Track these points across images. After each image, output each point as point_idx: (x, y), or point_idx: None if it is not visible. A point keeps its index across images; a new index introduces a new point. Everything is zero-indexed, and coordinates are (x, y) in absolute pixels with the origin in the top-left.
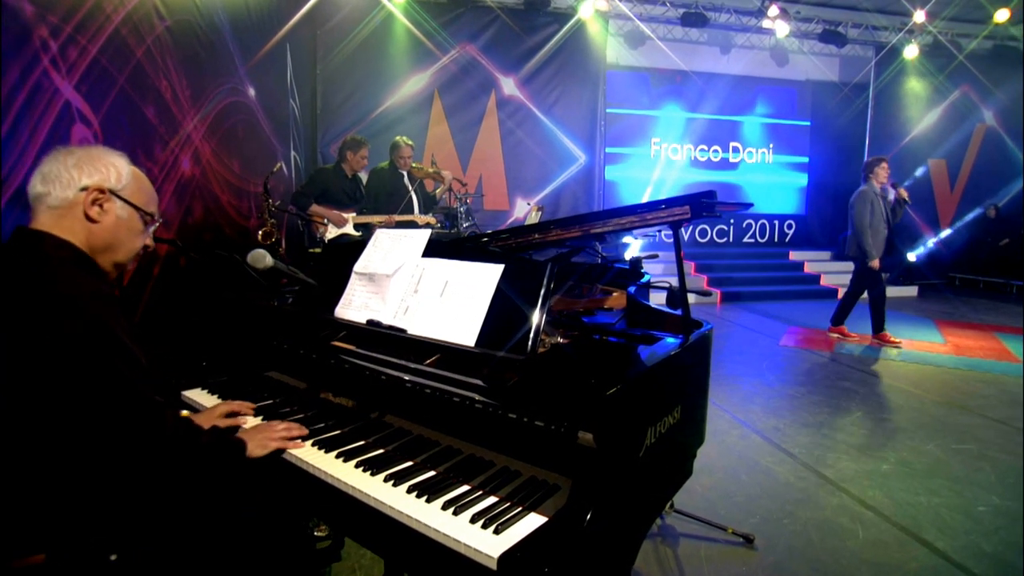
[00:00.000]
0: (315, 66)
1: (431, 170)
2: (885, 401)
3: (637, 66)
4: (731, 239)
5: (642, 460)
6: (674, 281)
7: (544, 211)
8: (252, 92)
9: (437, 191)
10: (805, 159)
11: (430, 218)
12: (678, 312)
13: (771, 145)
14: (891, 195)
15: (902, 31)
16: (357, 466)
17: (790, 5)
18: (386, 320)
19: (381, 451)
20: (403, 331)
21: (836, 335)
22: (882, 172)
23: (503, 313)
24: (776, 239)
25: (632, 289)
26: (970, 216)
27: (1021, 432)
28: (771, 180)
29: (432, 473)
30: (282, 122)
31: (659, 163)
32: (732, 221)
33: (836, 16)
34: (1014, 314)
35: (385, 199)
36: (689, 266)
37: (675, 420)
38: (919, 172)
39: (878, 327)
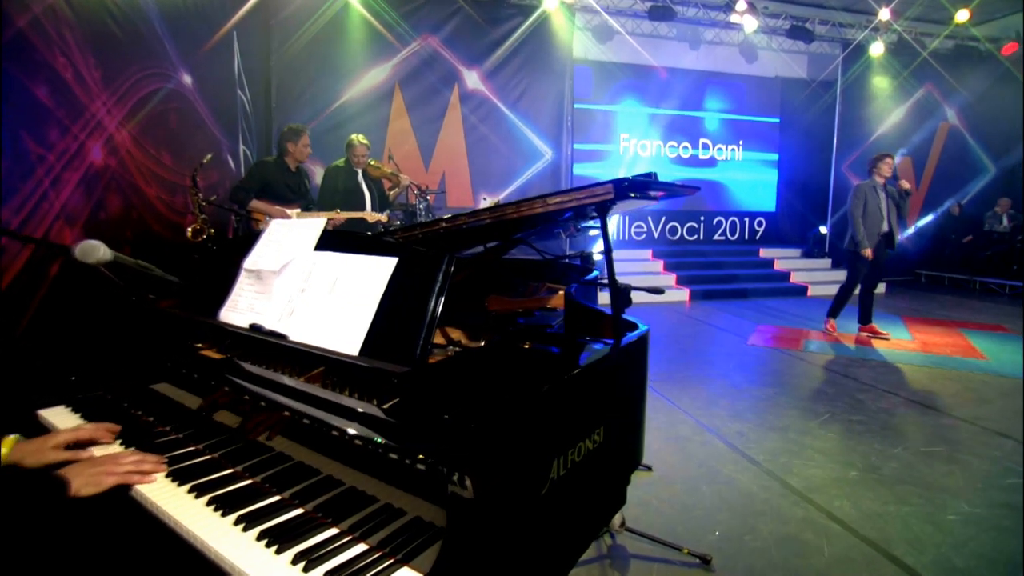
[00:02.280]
0: (269, 57)
1: (388, 171)
2: (853, 401)
3: (606, 60)
4: (701, 236)
5: (547, 497)
6: (623, 278)
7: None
8: (188, 80)
9: (391, 193)
10: (775, 156)
11: (382, 216)
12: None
13: (741, 142)
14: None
15: (868, 28)
16: (210, 503)
17: (758, 0)
18: (269, 324)
19: (248, 482)
20: (284, 337)
21: (867, 334)
22: (885, 167)
23: (393, 315)
24: (747, 236)
25: (573, 287)
26: (935, 213)
27: (1011, 438)
28: (742, 177)
29: (299, 512)
30: (228, 114)
31: (628, 159)
32: (702, 219)
33: (803, 13)
34: (978, 310)
35: (341, 198)
36: (658, 264)
37: (596, 443)
38: None
39: (833, 312)
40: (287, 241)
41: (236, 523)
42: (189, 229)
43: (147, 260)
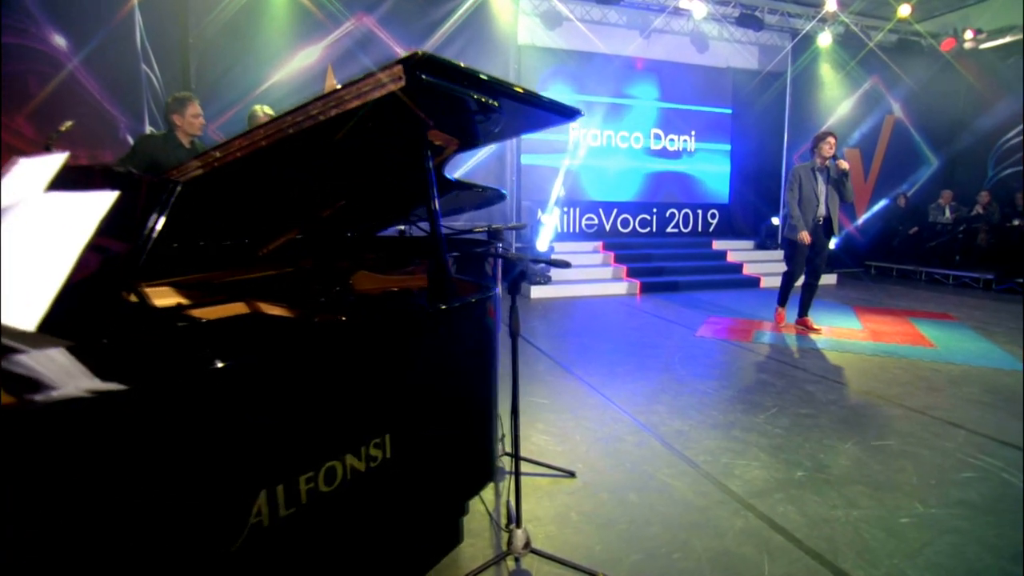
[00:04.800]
0: (186, 34)
1: None
2: (802, 393)
3: (555, 47)
4: (654, 229)
5: (247, 554)
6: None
7: None
8: (62, 42)
9: None
10: (728, 146)
11: None
12: (483, 281)
13: (693, 132)
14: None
15: (815, 19)
16: None
17: None
18: None
19: None
20: None
21: (800, 327)
22: (826, 147)
23: (92, 269)
24: (700, 229)
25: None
26: (882, 205)
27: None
28: (694, 168)
29: None
30: (129, 90)
31: (579, 150)
32: (655, 211)
33: (753, 1)
34: (924, 300)
35: None
36: (608, 256)
37: (376, 461)
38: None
39: (781, 301)
40: (18, 183)
41: None
42: None
43: None
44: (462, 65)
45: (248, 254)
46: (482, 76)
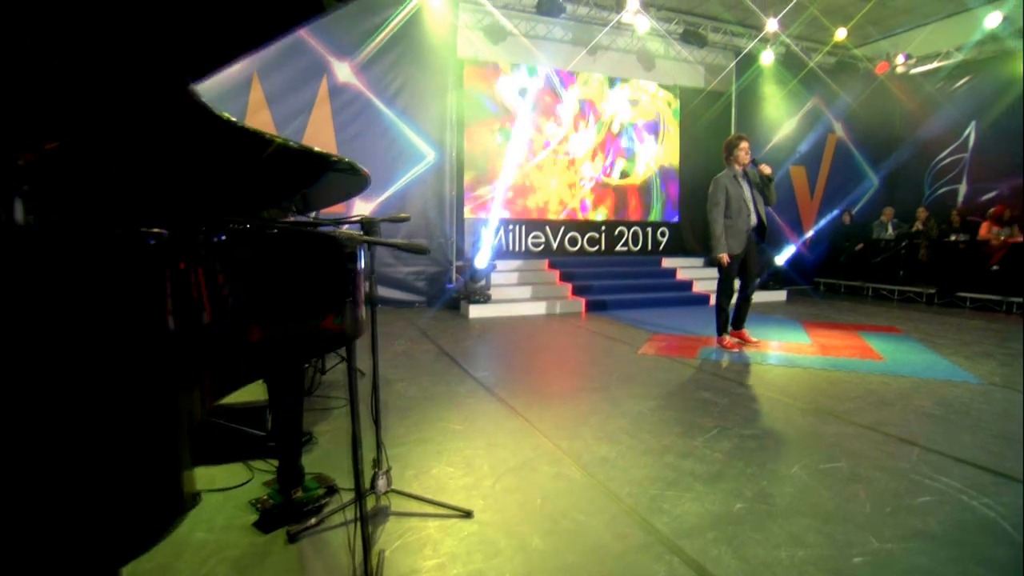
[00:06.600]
0: None
1: None
2: (748, 412)
3: (498, 62)
4: (603, 247)
5: None
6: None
7: None
8: None
9: None
10: (677, 165)
11: None
12: None
13: (642, 150)
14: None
15: (757, 39)
16: None
17: (650, 4)
18: None
19: None
20: None
21: (736, 339)
22: (742, 153)
23: None
24: (649, 247)
25: None
26: (828, 222)
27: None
28: (644, 186)
29: None
30: None
31: (516, 166)
32: (604, 229)
33: (696, 20)
34: (871, 314)
35: None
36: (554, 274)
37: None
38: (779, 176)
39: (721, 329)
40: None
41: None
42: None
43: None
44: None
45: None
46: None
